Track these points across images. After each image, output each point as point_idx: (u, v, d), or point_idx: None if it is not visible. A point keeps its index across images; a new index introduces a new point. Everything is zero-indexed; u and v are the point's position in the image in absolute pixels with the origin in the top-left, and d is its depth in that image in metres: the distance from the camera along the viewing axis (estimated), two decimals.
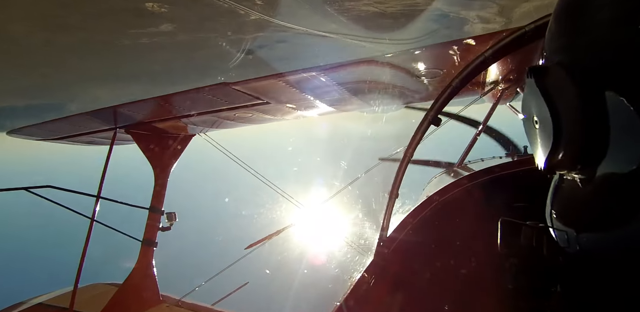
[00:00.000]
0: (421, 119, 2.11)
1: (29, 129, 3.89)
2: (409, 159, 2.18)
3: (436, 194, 2.33)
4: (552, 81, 0.75)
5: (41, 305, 3.57)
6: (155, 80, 11.15)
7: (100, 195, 3.61)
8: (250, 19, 8.11)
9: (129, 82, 11.83)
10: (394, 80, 3.27)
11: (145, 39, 9.06)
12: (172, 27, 8.61)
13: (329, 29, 8.81)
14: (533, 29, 1.70)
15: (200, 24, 8.53)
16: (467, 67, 1.95)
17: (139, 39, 9.11)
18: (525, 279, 1.48)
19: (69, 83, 12.19)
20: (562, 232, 0.84)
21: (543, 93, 0.76)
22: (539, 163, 0.83)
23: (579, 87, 0.69)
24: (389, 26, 8.87)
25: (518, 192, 2.17)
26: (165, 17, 8.00)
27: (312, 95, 3.42)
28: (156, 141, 4.08)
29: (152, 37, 8.96)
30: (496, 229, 1.39)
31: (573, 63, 0.71)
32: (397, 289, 2.25)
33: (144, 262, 3.88)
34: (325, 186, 6.40)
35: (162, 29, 8.61)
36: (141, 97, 3.18)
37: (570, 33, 0.74)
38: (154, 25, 8.44)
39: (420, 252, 2.29)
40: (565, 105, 0.72)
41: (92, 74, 11.62)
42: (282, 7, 7.66)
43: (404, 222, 2.28)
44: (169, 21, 8.30)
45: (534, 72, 0.78)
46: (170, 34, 8.89)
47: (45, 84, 12.02)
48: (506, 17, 9.52)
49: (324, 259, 4.66)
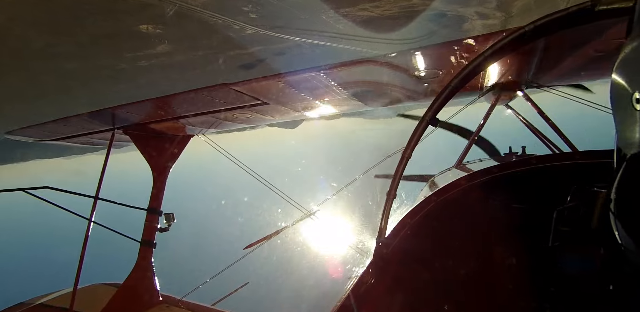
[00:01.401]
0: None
1: (27, 130, 3.88)
2: (407, 160, 2.18)
3: (434, 194, 2.33)
4: None
5: (41, 305, 3.57)
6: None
7: (99, 196, 3.60)
8: (247, 33, 8.12)
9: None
10: (393, 81, 3.27)
11: (144, 61, 9.05)
12: (169, 47, 8.61)
13: (327, 36, 8.82)
14: (532, 29, 1.69)
15: (196, 42, 8.54)
16: (466, 67, 1.95)
17: (137, 62, 9.10)
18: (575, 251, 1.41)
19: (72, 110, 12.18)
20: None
21: None
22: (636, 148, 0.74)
23: None
24: (388, 28, 8.86)
25: (517, 193, 2.17)
26: (160, 37, 8.00)
27: (312, 95, 3.42)
28: (154, 142, 4.07)
29: (149, 58, 8.94)
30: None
31: None
32: (396, 289, 2.25)
33: (143, 262, 3.88)
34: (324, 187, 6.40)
35: (159, 50, 8.60)
36: (140, 98, 3.18)
37: None
38: (150, 47, 8.44)
39: (419, 253, 2.29)
40: None
41: (95, 100, 11.67)
42: (278, 19, 7.67)
43: (402, 222, 2.28)
44: (164, 42, 8.30)
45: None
46: (167, 55, 8.87)
47: (48, 112, 11.99)
48: (505, 12, 9.46)
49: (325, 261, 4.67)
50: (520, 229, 2.07)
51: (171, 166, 4.15)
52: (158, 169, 4.07)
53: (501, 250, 2.21)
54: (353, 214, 5.64)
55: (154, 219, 3.96)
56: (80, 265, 3.39)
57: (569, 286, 1.75)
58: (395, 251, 2.22)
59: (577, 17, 1.50)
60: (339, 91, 3.30)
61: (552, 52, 2.85)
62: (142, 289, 3.81)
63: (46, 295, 3.78)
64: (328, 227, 4.59)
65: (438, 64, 2.85)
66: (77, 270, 3.39)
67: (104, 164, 3.80)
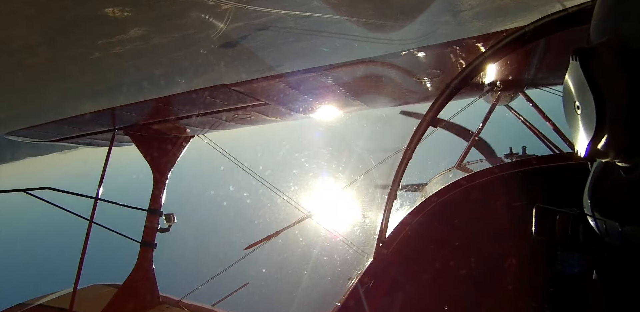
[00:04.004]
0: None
1: (27, 131, 3.88)
2: (408, 160, 2.18)
3: (435, 194, 2.33)
4: (597, 64, 0.72)
5: (41, 306, 3.57)
6: (144, 89, 10.60)
7: (99, 197, 3.61)
8: (222, 9, 7.43)
9: (115, 96, 11.21)
10: (394, 81, 3.27)
11: (118, 47, 8.52)
12: (143, 30, 7.95)
13: (309, 8, 8.23)
14: (533, 29, 1.69)
15: (170, 22, 7.82)
16: (467, 67, 1.95)
17: (111, 49, 8.56)
18: (561, 265, 1.45)
19: (54, 107, 11.54)
20: (602, 222, 0.81)
21: (587, 75, 0.72)
22: (580, 150, 0.79)
23: (626, 69, 0.67)
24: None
25: (518, 193, 2.17)
26: (130, 21, 7.41)
27: (312, 96, 3.42)
28: (155, 143, 4.07)
29: (124, 44, 8.40)
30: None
31: (620, 45, 0.69)
32: (397, 290, 2.25)
33: (144, 263, 3.88)
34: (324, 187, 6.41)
35: (132, 35, 8.05)
36: (140, 99, 3.18)
37: (617, 16, 0.73)
38: (122, 31, 7.80)
39: (419, 253, 2.29)
40: (610, 89, 0.69)
41: (74, 94, 11.03)
42: None
43: (402, 223, 2.28)
44: (136, 25, 7.67)
45: (579, 54, 0.75)
46: (143, 39, 8.32)
47: (29, 111, 11.36)
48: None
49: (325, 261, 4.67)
50: (520, 230, 2.07)
51: (172, 167, 4.16)
52: (159, 169, 4.07)
53: (502, 250, 2.21)
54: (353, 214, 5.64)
55: (155, 219, 3.96)
56: (80, 265, 3.39)
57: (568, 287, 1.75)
58: (396, 251, 2.22)
59: (577, 17, 1.50)
60: (339, 92, 3.31)
61: (552, 52, 2.85)
62: (142, 289, 3.81)
63: (46, 296, 3.78)
64: (328, 228, 4.59)
65: (438, 65, 2.85)
66: (77, 270, 3.39)
67: (104, 165, 3.80)
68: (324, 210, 4.52)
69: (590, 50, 0.74)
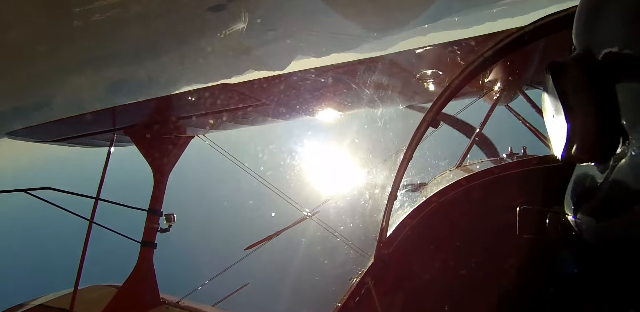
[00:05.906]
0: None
1: (27, 131, 3.88)
2: (408, 161, 2.18)
3: (435, 195, 2.33)
4: (566, 78, 0.78)
5: (41, 306, 3.57)
6: (130, 60, 10.25)
7: (100, 197, 3.60)
8: None
9: (105, 66, 10.95)
10: (394, 81, 3.27)
11: (98, 14, 8.12)
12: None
13: None
14: (533, 29, 1.69)
15: None
16: (467, 68, 1.95)
17: (91, 17, 8.13)
18: (544, 265, 1.51)
19: (45, 80, 11.40)
20: (581, 221, 0.87)
21: (557, 89, 0.79)
22: (557, 155, 0.87)
23: (592, 83, 0.73)
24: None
25: (517, 193, 2.17)
26: None
27: (312, 96, 3.42)
28: (155, 143, 4.07)
29: (104, 11, 8.02)
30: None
31: (588, 59, 0.75)
32: (397, 290, 2.25)
33: (144, 263, 3.88)
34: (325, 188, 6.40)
35: (110, 1, 7.65)
36: (139, 98, 3.18)
37: (586, 31, 0.78)
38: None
39: (419, 253, 2.29)
40: (578, 102, 0.75)
41: (63, 65, 10.81)
42: None
43: (403, 223, 2.28)
44: None
45: (551, 68, 0.81)
46: (121, 5, 7.96)
47: (23, 85, 11.27)
48: None
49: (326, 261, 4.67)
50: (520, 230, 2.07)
51: (172, 167, 4.15)
52: (159, 169, 4.07)
53: (502, 251, 2.21)
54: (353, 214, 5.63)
55: (155, 219, 3.96)
56: (80, 266, 3.39)
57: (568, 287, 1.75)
58: (396, 251, 2.22)
59: None
60: (339, 92, 3.31)
61: (552, 52, 2.86)
62: (142, 290, 3.81)
63: (46, 296, 3.78)
64: (328, 228, 4.58)
65: (438, 65, 2.86)
66: (77, 271, 3.39)
67: (104, 165, 3.80)
68: (323, 210, 4.53)
69: (561, 65, 0.80)
